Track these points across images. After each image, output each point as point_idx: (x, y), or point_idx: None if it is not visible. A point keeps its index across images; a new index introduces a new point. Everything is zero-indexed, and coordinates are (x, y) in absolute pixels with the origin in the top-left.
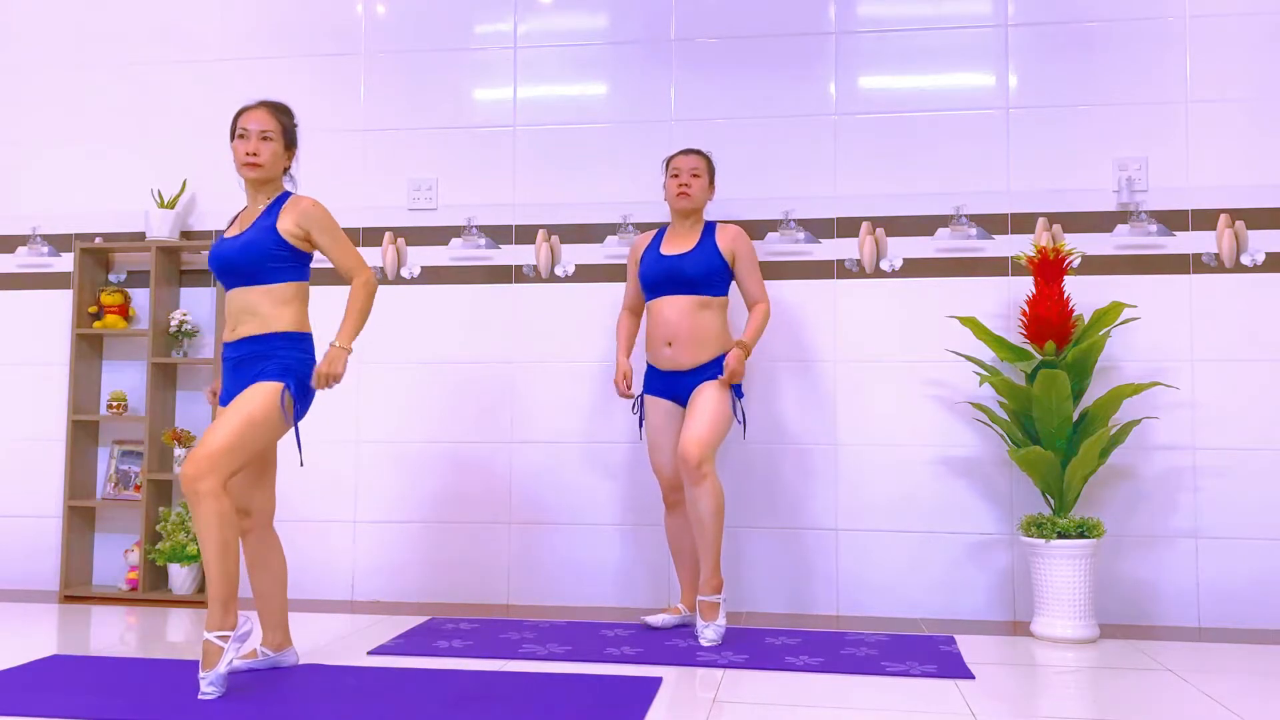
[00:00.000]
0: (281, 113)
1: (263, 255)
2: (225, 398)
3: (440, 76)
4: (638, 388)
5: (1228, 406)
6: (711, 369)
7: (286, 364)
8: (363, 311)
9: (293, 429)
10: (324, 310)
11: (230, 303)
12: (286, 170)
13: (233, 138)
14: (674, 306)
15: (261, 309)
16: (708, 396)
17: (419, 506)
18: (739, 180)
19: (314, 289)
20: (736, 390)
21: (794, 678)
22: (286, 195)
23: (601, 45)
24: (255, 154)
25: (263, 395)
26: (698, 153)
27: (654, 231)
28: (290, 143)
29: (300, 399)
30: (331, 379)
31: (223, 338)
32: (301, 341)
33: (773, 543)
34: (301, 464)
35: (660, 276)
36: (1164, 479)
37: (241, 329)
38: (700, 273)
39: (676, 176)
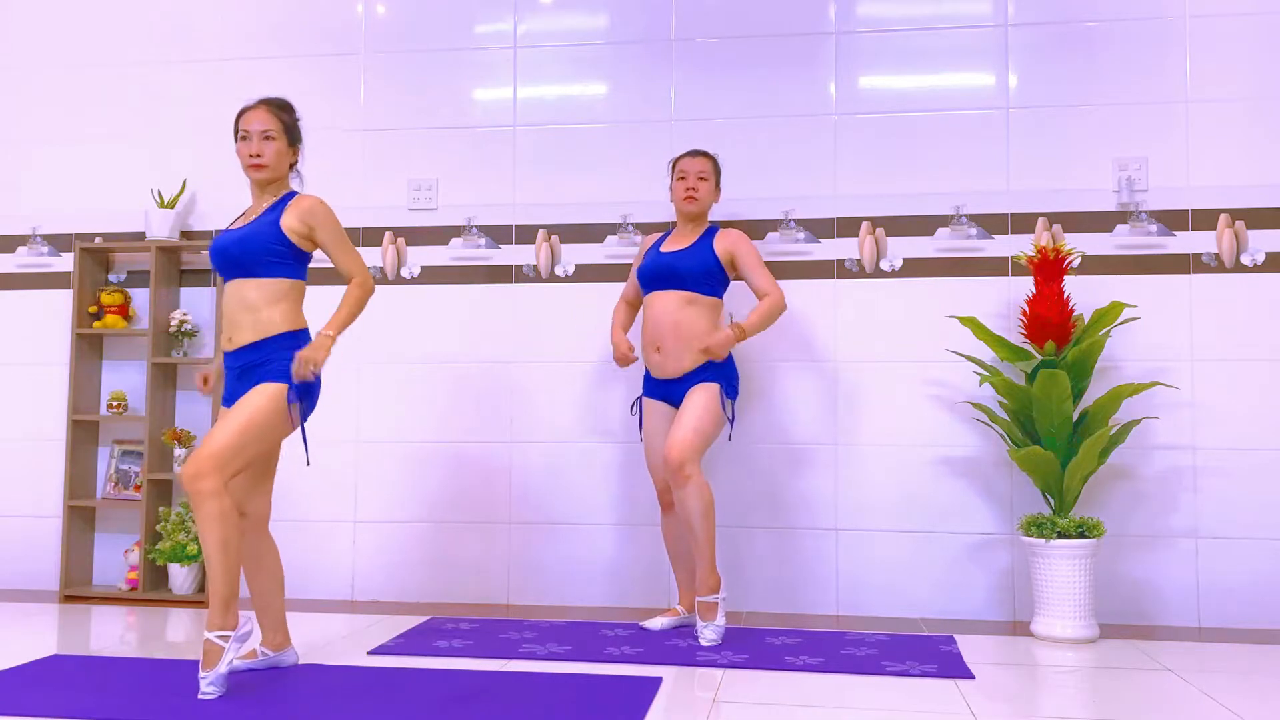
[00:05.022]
0: (282, 110)
1: (262, 248)
2: (229, 401)
3: (440, 76)
4: (637, 351)
5: (1228, 406)
6: (703, 373)
7: (289, 365)
8: (355, 306)
9: (300, 428)
10: (324, 311)
11: (226, 300)
12: (293, 166)
13: (236, 139)
14: (662, 301)
15: (255, 303)
16: (696, 399)
17: (419, 506)
18: (739, 180)
19: (313, 289)
20: (729, 391)
21: (794, 678)
22: (293, 194)
23: (601, 45)
24: (259, 155)
25: (266, 397)
26: (705, 155)
27: (662, 232)
28: (294, 139)
29: (305, 398)
30: (311, 364)
31: (221, 346)
32: (299, 339)
33: (772, 542)
34: (308, 463)
35: (654, 272)
36: (1164, 479)
37: (238, 336)
38: (690, 269)
39: (683, 179)
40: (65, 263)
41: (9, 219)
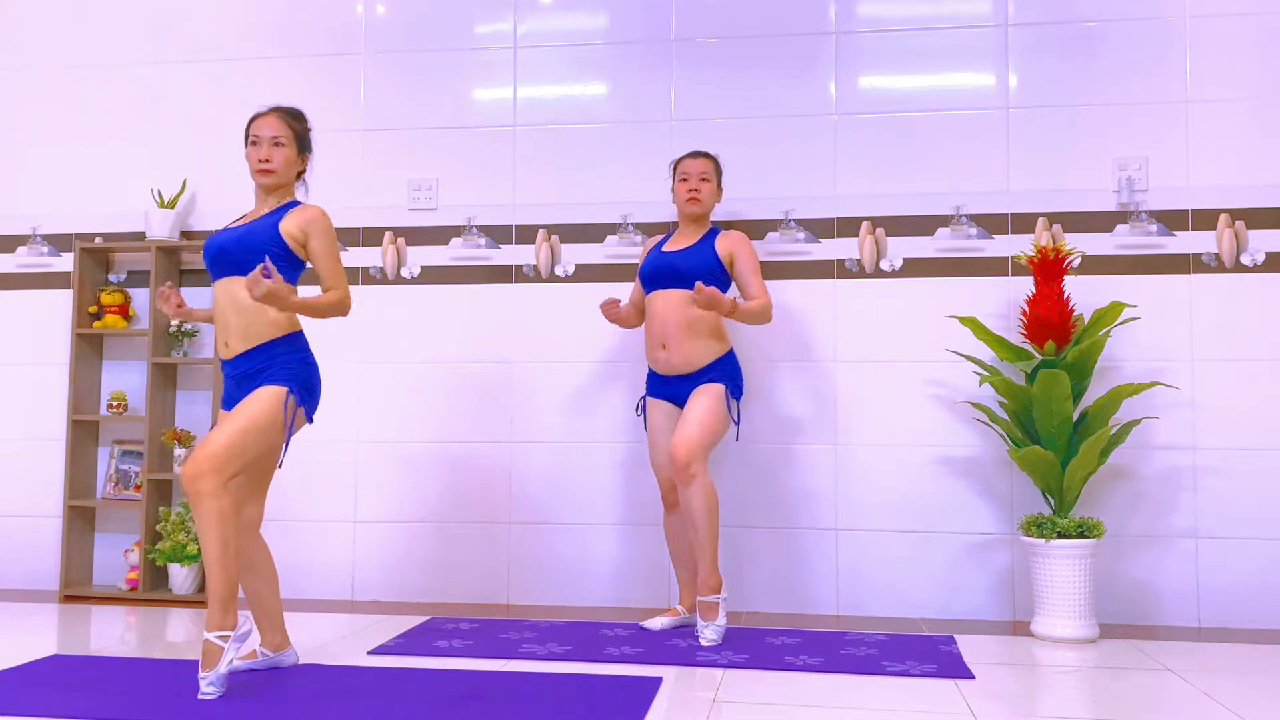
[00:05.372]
0: (293, 118)
1: (258, 248)
2: (228, 405)
3: (440, 76)
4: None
5: (1228, 406)
6: (708, 373)
7: (289, 369)
8: (325, 306)
9: (287, 431)
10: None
11: (217, 301)
12: (301, 175)
13: (246, 144)
14: (666, 300)
15: (247, 306)
16: (702, 398)
17: (419, 506)
18: (739, 180)
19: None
20: (734, 391)
21: (794, 678)
22: (296, 203)
23: (601, 45)
24: (268, 160)
25: (267, 399)
26: (706, 155)
27: (663, 234)
28: (304, 148)
29: (305, 401)
30: (259, 286)
31: (218, 351)
32: (296, 341)
33: (772, 542)
34: (280, 464)
35: (656, 271)
36: (1164, 479)
37: (234, 341)
38: (692, 268)
39: (685, 181)
40: (65, 263)
41: (9, 219)
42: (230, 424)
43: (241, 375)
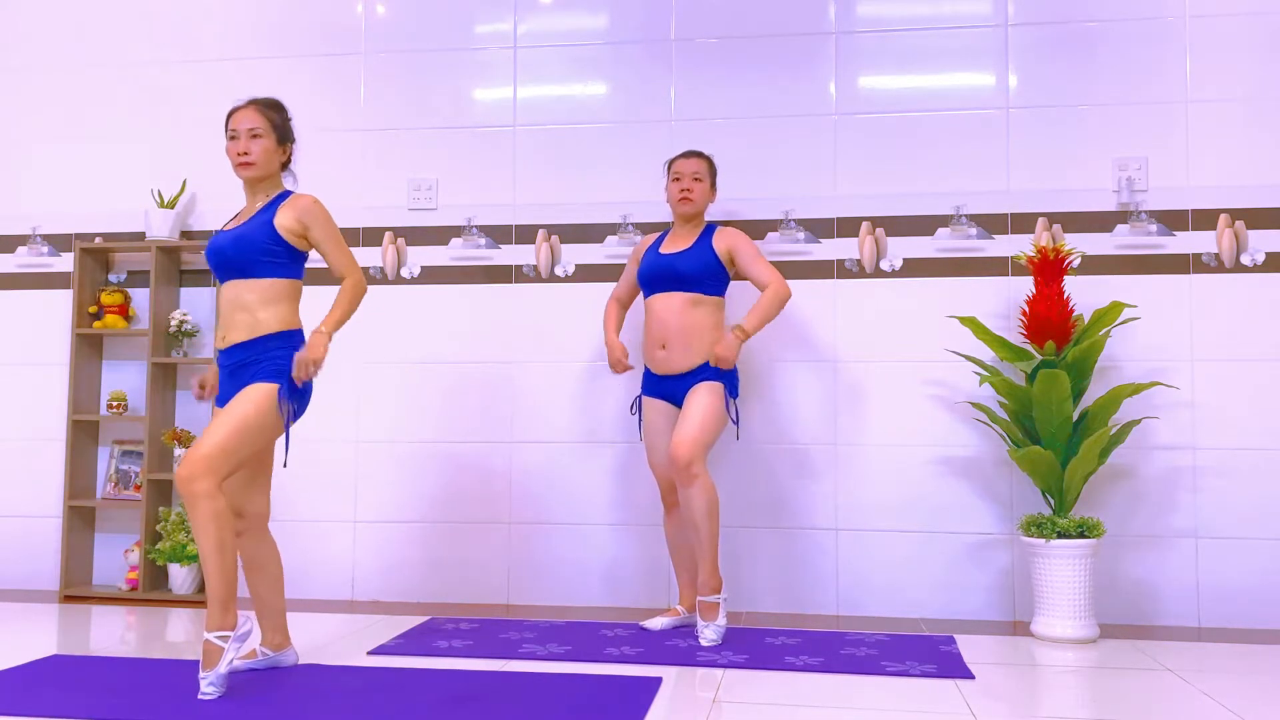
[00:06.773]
0: (270, 109)
1: (256, 249)
2: (222, 401)
3: (440, 76)
4: (634, 361)
5: (1228, 406)
6: (706, 371)
7: (280, 365)
8: (349, 306)
9: (285, 430)
10: (317, 310)
11: (222, 299)
12: (285, 166)
13: (226, 139)
14: (667, 304)
15: (251, 305)
16: (700, 397)
17: (419, 506)
18: (739, 180)
19: (308, 289)
20: (731, 390)
21: (794, 678)
22: (287, 194)
23: (601, 45)
24: (246, 153)
25: (258, 397)
26: (699, 155)
27: (659, 233)
28: (284, 138)
29: (296, 397)
30: (312, 364)
31: (215, 343)
32: (292, 339)
33: (772, 542)
34: (285, 464)
35: (656, 274)
36: (1164, 479)
37: (232, 334)
38: (692, 270)
39: (678, 180)
40: (65, 263)
41: (9, 219)
42: (222, 424)
43: (235, 365)
